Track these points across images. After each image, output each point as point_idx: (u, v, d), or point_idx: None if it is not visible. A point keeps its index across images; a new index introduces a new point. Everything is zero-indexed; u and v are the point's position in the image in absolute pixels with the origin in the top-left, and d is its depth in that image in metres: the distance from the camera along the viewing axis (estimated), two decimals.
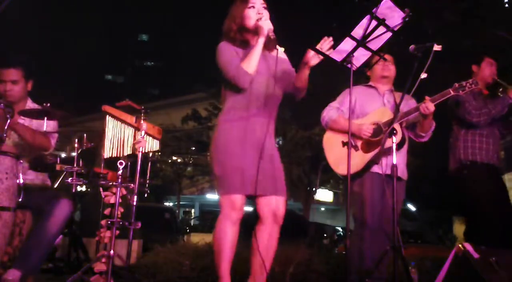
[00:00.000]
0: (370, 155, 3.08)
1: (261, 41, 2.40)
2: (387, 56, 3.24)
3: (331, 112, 3.25)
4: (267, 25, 2.40)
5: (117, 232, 2.83)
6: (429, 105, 2.95)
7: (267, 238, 2.42)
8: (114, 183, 2.86)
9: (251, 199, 2.45)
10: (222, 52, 2.47)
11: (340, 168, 3.12)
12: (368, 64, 3.04)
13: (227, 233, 2.36)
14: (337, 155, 3.14)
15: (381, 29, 2.45)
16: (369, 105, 3.24)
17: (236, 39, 2.50)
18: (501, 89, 3.49)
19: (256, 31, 2.45)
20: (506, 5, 6.47)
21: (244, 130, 2.43)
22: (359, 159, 3.09)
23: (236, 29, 2.49)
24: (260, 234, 2.43)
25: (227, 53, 2.46)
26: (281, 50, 2.60)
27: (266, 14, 2.46)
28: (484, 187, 3.33)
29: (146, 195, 3.43)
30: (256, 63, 2.41)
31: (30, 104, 3.01)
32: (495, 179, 3.40)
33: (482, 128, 3.41)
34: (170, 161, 18.49)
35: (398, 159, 2.82)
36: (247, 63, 2.39)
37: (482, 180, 3.34)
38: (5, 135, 2.37)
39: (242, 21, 2.47)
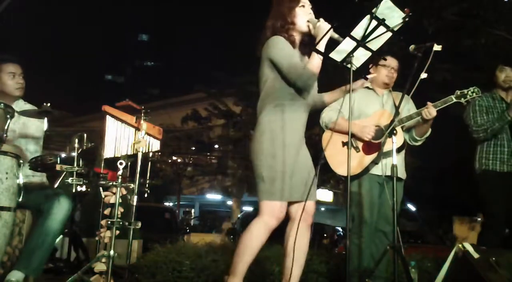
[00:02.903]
0: (371, 157, 3.08)
1: (323, 43, 2.33)
2: (393, 62, 3.25)
3: (331, 113, 3.25)
4: (327, 26, 2.33)
5: (117, 232, 2.83)
6: (431, 111, 2.98)
7: (300, 238, 2.36)
8: (114, 183, 2.86)
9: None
10: (283, 48, 2.35)
11: (340, 169, 3.12)
12: (372, 61, 3.02)
13: (260, 239, 2.30)
14: (337, 155, 3.13)
15: (381, 29, 2.45)
16: (368, 107, 3.25)
17: (289, 36, 2.41)
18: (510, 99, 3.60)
19: (308, 31, 2.40)
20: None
21: (292, 133, 2.38)
22: (360, 160, 3.09)
23: (289, 27, 2.41)
24: (291, 234, 2.38)
25: (288, 50, 2.36)
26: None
27: (312, 14, 2.41)
28: (493, 195, 3.46)
29: (146, 195, 3.44)
30: (320, 65, 2.33)
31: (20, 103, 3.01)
32: (507, 187, 3.45)
33: (494, 138, 3.54)
34: (170, 161, 18.50)
35: (397, 160, 2.82)
36: (312, 65, 2.31)
37: (495, 184, 3.47)
38: (5, 135, 2.37)
39: (293, 19, 2.41)
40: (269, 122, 2.38)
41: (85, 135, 3.16)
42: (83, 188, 3.17)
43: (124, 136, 2.94)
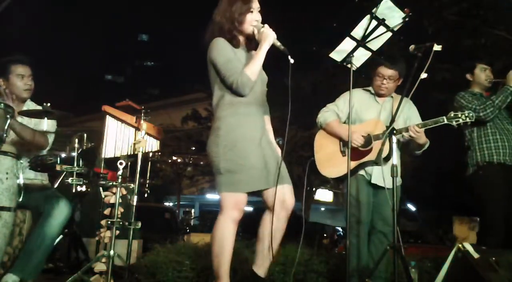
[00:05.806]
0: (356, 162, 3.08)
1: (265, 48, 2.34)
2: (391, 72, 3.11)
3: (327, 114, 3.25)
4: (272, 34, 2.35)
5: (117, 232, 2.83)
6: (415, 133, 2.88)
7: (275, 221, 2.34)
8: (114, 183, 2.86)
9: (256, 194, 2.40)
10: (222, 52, 2.36)
11: (326, 170, 3.15)
12: (368, 65, 3.00)
13: (230, 233, 2.28)
14: (326, 156, 3.17)
15: (381, 29, 2.46)
16: (365, 112, 3.21)
17: (233, 39, 2.41)
18: (500, 86, 3.53)
19: (254, 36, 2.40)
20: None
21: (249, 127, 2.38)
22: (346, 164, 3.07)
23: (236, 31, 2.41)
24: (267, 220, 2.37)
25: (227, 54, 2.36)
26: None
27: (259, 18, 2.41)
28: (497, 188, 3.38)
29: (146, 195, 3.44)
30: (259, 70, 2.36)
31: (29, 104, 3.04)
32: (510, 180, 3.40)
33: (493, 127, 3.46)
34: (170, 161, 18.51)
35: (386, 170, 2.82)
36: (250, 71, 2.32)
37: (496, 181, 3.39)
38: (5, 135, 2.37)
39: (240, 24, 2.40)
40: (224, 117, 2.37)
41: (85, 135, 3.17)
42: (83, 188, 3.17)
43: (124, 136, 2.94)
